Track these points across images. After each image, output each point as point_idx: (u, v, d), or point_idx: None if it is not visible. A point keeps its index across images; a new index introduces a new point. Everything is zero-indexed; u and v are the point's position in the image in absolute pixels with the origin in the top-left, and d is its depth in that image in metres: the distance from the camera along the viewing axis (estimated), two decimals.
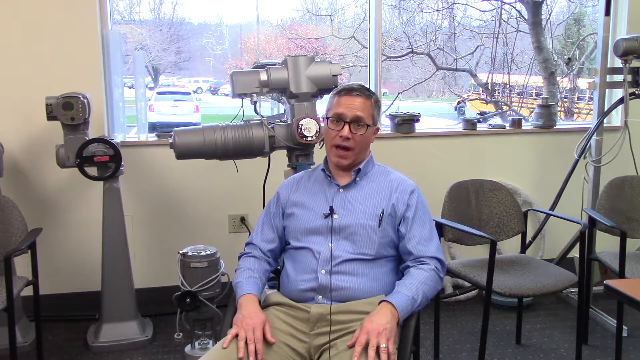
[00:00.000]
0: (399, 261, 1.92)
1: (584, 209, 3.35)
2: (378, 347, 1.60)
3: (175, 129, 2.61)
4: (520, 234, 2.94)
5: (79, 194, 3.32)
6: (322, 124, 2.47)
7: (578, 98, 5.88)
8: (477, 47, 5.80)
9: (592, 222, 2.91)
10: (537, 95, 5.76)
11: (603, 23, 3.34)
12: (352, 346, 1.64)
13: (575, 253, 3.46)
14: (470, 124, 3.75)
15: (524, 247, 2.98)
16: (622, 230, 2.69)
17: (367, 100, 1.92)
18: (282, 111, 2.89)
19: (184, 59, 7.43)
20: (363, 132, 1.90)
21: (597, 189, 3.28)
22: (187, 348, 2.70)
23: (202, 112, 8.08)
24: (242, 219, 3.52)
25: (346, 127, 1.88)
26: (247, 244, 2.03)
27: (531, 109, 5.43)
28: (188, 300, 2.53)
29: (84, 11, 3.20)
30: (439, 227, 2.70)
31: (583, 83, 5.56)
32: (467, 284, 3.34)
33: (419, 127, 3.71)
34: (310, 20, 5.95)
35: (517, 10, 5.48)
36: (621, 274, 2.65)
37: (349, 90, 1.93)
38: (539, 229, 3.65)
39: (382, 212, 1.88)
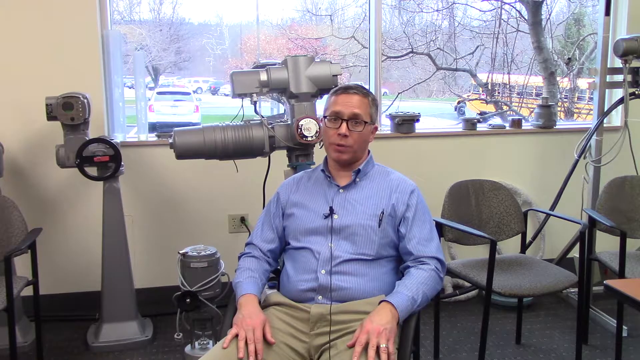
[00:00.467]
0: (399, 261, 1.92)
1: (584, 209, 3.35)
2: (378, 347, 1.60)
3: (175, 129, 2.61)
4: (520, 234, 2.94)
5: (79, 194, 3.32)
6: (322, 124, 2.47)
7: (578, 98, 5.88)
8: (477, 47, 5.79)
9: (592, 222, 2.91)
10: (537, 95, 5.76)
11: (603, 23, 3.34)
12: (352, 346, 1.64)
13: (575, 253, 3.46)
14: (470, 124, 3.75)
15: (524, 247, 2.98)
16: (622, 230, 2.69)
17: (364, 98, 1.92)
18: (282, 111, 2.89)
19: (184, 59, 7.42)
20: (361, 129, 1.90)
21: (597, 189, 3.28)
22: (187, 348, 2.71)
23: (202, 112, 8.07)
24: (242, 219, 3.52)
25: (344, 125, 1.88)
26: (247, 244, 2.04)
27: (531, 109, 5.43)
28: (188, 300, 2.53)
29: (84, 11, 3.21)
30: (439, 227, 2.70)
31: (583, 83, 5.56)
32: (467, 284, 3.34)
33: (419, 127, 3.71)
34: (310, 20, 5.95)
35: (517, 10, 5.48)
36: (621, 274, 2.65)
37: (346, 89, 1.94)
38: (539, 229, 3.65)
39: (382, 212, 1.88)
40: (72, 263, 3.36)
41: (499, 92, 6.17)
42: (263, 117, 2.62)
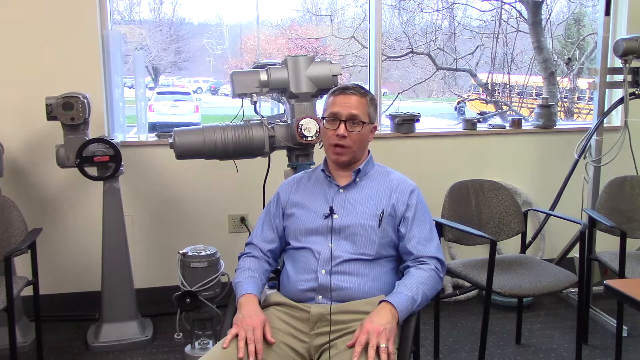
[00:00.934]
0: (399, 261, 1.92)
1: (584, 209, 3.35)
2: (378, 347, 1.60)
3: (175, 129, 2.61)
4: (520, 234, 2.94)
5: (79, 194, 3.32)
6: (321, 125, 2.47)
7: (578, 98, 5.88)
8: (477, 47, 5.79)
9: (592, 222, 2.91)
10: (537, 95, 5.76)
11: (603, 23, 3.34)
12: (352, 346, 1.64)
13: (575, 253, 3.46)
14: (470, 124, 3.75)
15: (524, 247, 2.98)
16: (622, 230, 2.69)
17: (362, 99, 1.92)
18: (282, 111, 2.89)
19: (184, 59, 7.42)
20: (359, 129, 1.90)
21: (597, 189, 3.28)
22: (187, 348, 2.71)
23: (202, 112, 8.07)
24: (242, 219, 3.52)
25: (342, 126, 1.89)
26: (247, 244, 2.04)
27: (531, 109, 5.43)
28: (188, 300, 2.53)
29: (84, 11, 3.21)
30: (439, 227, 2.70)
31: (583, 83, 5.56)
32: (467, 284, 3.34)
33: (419, 127, 3.71)
34: (310, 20, 5.95)
35: (517, 10, 5.48)
36: (621, 274, 2.65)
37: (344, 89, 1.94)
38: (539, 229, 3.65)
39: (382, 212, 1.88)
40: (72, 263, 3.36)
41: (499, 92, 6.17)
42: (263, 117, 2.62)
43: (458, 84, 6.67)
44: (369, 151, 2.00)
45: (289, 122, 2.63)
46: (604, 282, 1.74)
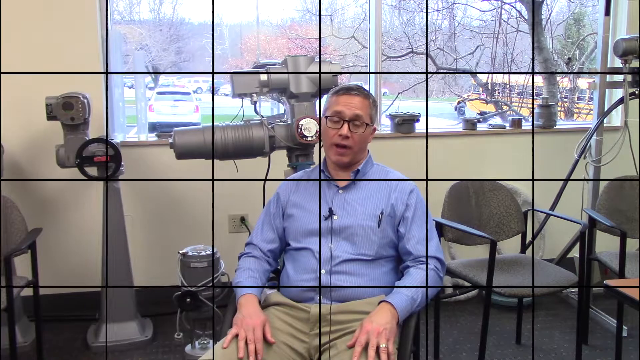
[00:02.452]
0: (399, 261, 1.92)
1: (584, 209, 3.34)
2: (378, 347, 1.60)
3: (175, 129, 2.61)
4: (520, 234, 2.93)
5: (79, 194, 3.31)
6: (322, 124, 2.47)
7: (578, 98, 5.88)
8: (477, 47, 5.79)
9: (592, 222, 2.91)
10: (537, 95, 5.76)
11: (603, 23, 3.34)
12: (352, 346, 1.64)
13: (575, 253, 3.46)
14: (470, 124, 3.75)
15: (524, 247, 2.98)
16: (622, 231, 2.69)
17: (365, 100, 1.92)
18: (282, 111, 2.89)
19: (184, 59, 7.42)
20: (362, 131, 1.90)
21: (597, 189, 3.28)
22: (187, 348, 2.71)
23: (202, 112, 8.07)
24: (242, 219, 3.52)
25: (345, 126, 1.88)
26: (247, 244, 2.04)
27: (531, 109, 5.43)
28: (188, 300, 2.53)
29: (84, 11, 3.20)
30: (439, 227, 2.70)
31: (583, 83, 5.56)
32: (467, 284, 3.33)
33: (419, 127, 3.70)
34: (310, 20, 5.95)
35: (517, 10, 5.48)
36: (621, 274, 2.65)
37: (347, 90, 1.94)
38: (539, 229, 3.65)
39: (382, 213, 1.88)
40: (72, 263, 3.36)
41: (499, 92, 6.17)
42: (263, 117, 2.62)
43: (458, 84, 6.67)
44: (367, 151, 2.00)
45: (289, 122, 2.63)
46: (604, 282, 1.74)
